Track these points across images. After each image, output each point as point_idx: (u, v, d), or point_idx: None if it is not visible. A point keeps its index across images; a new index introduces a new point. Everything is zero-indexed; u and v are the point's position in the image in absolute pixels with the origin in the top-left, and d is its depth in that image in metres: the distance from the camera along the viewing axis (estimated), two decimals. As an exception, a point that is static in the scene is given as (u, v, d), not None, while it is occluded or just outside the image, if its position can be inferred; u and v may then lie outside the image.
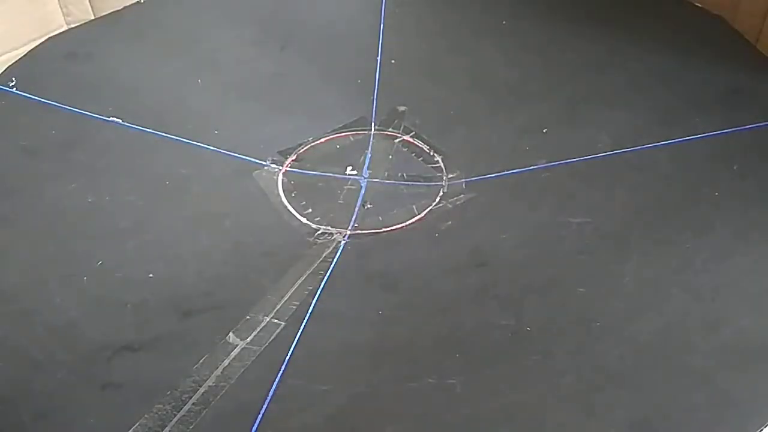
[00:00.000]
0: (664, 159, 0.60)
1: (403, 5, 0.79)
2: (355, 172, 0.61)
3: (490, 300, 0.50)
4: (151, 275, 0.52)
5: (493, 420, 0.44)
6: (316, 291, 0.51)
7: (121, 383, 0.46)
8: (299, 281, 0.52)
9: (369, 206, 0.58)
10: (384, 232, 0.56)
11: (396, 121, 0.65)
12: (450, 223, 0.56)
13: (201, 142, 0.63)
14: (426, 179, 0.60)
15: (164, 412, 0.44)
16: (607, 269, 0.52)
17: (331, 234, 0.56)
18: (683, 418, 0.44)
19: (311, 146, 0.63)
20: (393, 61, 0.71)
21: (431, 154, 0.62)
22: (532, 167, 0.60)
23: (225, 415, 0.44)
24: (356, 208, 0.58)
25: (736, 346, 0.47)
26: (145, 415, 0.44)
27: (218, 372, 0.46)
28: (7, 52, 0.74)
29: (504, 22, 0.76)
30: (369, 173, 0.61)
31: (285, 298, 0.51)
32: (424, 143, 0.63)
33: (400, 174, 0.61)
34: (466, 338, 0.49)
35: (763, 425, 0.43)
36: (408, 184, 0.60)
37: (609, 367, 0.46)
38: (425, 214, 0.57)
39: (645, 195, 0.57)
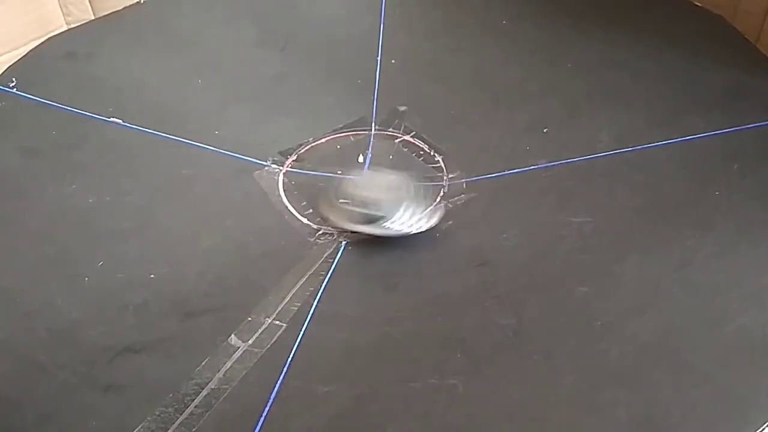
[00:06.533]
0: (665, 158, 0.60)
1: (403, 5, 0.79)
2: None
3: (491, 299, 0.51)
4: (152, 276, 0.52)
5: (494, 419, 0.44)
6: (318, 292, 0.51)
7: (123, 385, 0.46)
8: (300, 282, 0.52)
9: (369, 206, 0.58)
10: (385, 232, 0.56)
11: (396, 121, 0.65)
12: (450, 223, 0.56)
13: (201, 143, 0.63)
14: (426, 179, 0.60)
15: (167, 415, 0.44)
16: (607, 268, 0.52)
17: (332, 234, 0.56)
18: (684, 416, 0.44)
19: (312, 146, 0.63)
20: (393, 61, 0.71)
21: (432, 154, 0.63)
22: (532, 167, 0.60)
23: (227, 418, 0.44)
24: (357, 209, 0.58)
25: (737, 343, 0.47)
26: (148, 418, 0.44)
27: (220, 374, 0.46)
28: (7, 53, 0.74)
29: (504, 22, 0.76)
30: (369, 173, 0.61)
31: (286, 300, 0.51)
32: (425, 143, 0.63)
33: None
34: (467, 338, 0.49)
35: (764, 422, 0.43)
36: (408, 184, 0.60)
37: (610, 366, 0.46)
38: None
39: (645, 194, 0.58)
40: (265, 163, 0.62)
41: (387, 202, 0.54)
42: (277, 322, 0.49)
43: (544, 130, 0.63)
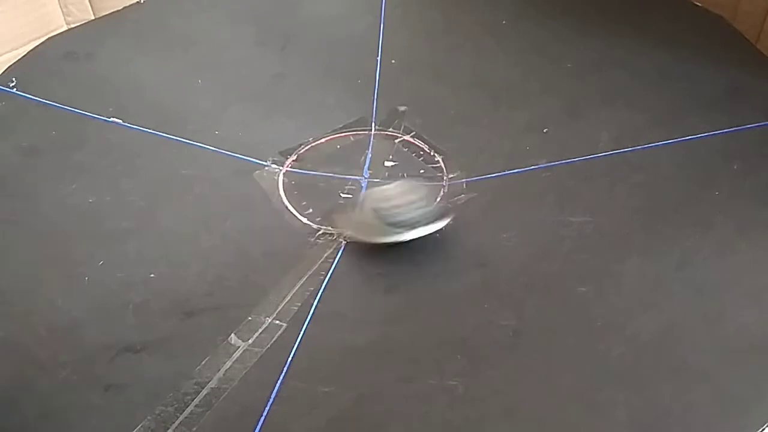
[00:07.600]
0: (665, 158, 0.60)
1: (403, 5, 0.79)
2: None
3: (491, 299, 0.51)
4: (152, 275, 0.52)
5: (494, 419, 0.44)
6: (318, 292, 0.51)
7: (124, 384, 0.46)
8: (300, 282, 0.52)
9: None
10: (385, 232, 0.56)
11: (396, 121, 0.65)
12: (451, 222, 0.56)
13: (202, 143, 0.63)
14: (426, 179, 0.60)
15: (167, 414, 0.44)
16: (607, 268, 0.52)
17: (332, 234, 0.56)
18: (684, 415, 0.44)
19: (312, 146, 0.63)
20: (393, 61, 0.71)
21: (432, 154, 0.63)
22: (532, 167, 0.60)
23: (227, 417, 0.44)
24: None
25: (737, 343, 0.47)
26: (148, 417, 0.44)
27: (220, 374, 0.46)
28: (7, 53, 0.74)
29: (504, 22, 0.76)
30: (369, 173, 0.61)
31: (286, 299, 0.51)
32: (425, 143, 0.63)
33: (400, 174, 0.61)
34: (468, 338, 0.49)
35: (764, 423, 0.43)
36: (408, 184, 0.60)
37: (610, 366, 0.46)
38: (426, 214, 0.57)
39: (645, 194, 0.58)
40: (265, 163, 0.62)
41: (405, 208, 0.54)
42: (277, 322, 0.49)
43: (544, 130, 0.63)
